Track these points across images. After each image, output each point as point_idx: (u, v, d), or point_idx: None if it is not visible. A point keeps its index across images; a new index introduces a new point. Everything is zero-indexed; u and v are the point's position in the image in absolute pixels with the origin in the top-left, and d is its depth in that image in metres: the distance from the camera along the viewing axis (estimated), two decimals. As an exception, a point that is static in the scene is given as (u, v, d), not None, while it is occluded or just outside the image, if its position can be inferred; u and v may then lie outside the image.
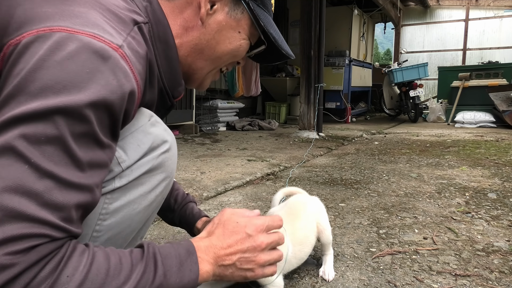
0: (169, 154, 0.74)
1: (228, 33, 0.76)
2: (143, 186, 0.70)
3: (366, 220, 1.75)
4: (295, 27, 7.45)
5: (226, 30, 0.76)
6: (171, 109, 0.81)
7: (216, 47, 0.77)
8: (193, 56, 0.77)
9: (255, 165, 2.95)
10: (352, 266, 1.29)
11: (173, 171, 0.77)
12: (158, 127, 0.72)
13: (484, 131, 5.56)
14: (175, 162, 0.78)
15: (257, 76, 6.54)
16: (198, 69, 0.79)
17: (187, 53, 0.76)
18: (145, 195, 0.71)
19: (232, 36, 0.77)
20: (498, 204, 1.98)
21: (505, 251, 1.40)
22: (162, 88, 0.74)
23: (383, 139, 4.77)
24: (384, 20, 10.14)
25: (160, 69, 0.71)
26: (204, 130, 5.33)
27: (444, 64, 9.58)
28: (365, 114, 8.83)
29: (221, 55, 0.78)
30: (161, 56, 0.71)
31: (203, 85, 0.85)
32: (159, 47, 0.70)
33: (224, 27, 0.75)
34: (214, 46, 0.76)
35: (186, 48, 0.75)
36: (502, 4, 9.31)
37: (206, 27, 0.74)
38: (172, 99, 0.78)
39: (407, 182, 2.47)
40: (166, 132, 0.74)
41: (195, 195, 2.08)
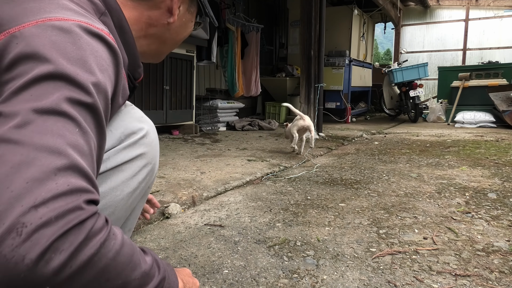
0: (147, 140, 0.76)
1: (187, 24, 0.88)
2: (123, 172, 0.74)
3: (366, 220, 1.75)
4: (295, 27, 7.45)
5: (186, 23, 0.87)
6: (133, 91, 0.84)
7: (177, 37, 0.88)
8: (156, 44, 0.85)
9: (255, 165, 2.95)
10: (352, 266, 1.29)
11: (154, 158, 0.80)
12: (133, 114, 0.76)
13: (484, 131, 5.56)
14: (155, 149, 0.80)
15: (257, 76, 6.54)
16: (164, 52, 0.91)
17: (150, 42, 0.83)
18: (127, 182, 0.75)
19: (189, 24, 0.89)
20: (498, 204, 1.98)
21: (505, 251, 1.40)
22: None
23: (383, 139, 4.77)
24: (384, 20, 10.13)
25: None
26: (204, 130, 5.33)
27: (444, 64, 9.57)
28: (365, 114, 8.82)
29: (179, 41, 0.91)
30: (118, 41, 0.73)
31: (162, 59, 0.96)
32: (117, 32, 0.73)
33: (184, 22, 0.86)
34: (175, 37, 0.87)
35: (149, 39, 0.82)
36: (502, 4, 9.31)
37: (170, 25, 0.82)
38: (134, 81, 0.81)
39: (407, 182, 2.46)
40: (142, 119, 0.78)
41: (195, 195, 2.08)
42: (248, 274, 1.25)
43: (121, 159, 0.73)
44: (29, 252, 0.40)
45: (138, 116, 0.77)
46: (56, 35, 0.54)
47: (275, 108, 7.01)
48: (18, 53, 0.52)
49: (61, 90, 0.51)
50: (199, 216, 1.83)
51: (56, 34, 0.54)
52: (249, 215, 1.84)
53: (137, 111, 0.78)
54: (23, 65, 0.51)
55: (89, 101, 0.53)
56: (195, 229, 1.65)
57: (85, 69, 0.54)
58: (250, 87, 6.45)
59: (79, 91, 0.52)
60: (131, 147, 0.74)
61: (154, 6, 0.78)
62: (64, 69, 0.52)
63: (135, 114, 0.76)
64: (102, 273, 0.47)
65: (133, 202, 0.79)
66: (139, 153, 0.75)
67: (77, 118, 0.51)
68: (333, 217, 1.80)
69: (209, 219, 1.78)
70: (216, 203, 2.03)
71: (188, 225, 1.71)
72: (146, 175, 0.78)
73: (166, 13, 0.80)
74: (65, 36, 0.55)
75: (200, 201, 2.06)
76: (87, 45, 0.56)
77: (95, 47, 0.57)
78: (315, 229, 1.64)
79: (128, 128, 0.74)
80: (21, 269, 0.40)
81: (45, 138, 0.47)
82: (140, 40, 0.80)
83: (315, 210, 1.90)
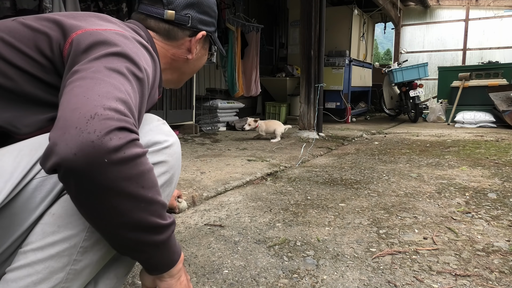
0: (170, 150, 0.83)
1: (202, 57, 1.09)
2: None
3: (366, 220, 1.75)
4: (295, 27, 7.44)
5: (202, 56, 1.09)
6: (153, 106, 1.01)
7: (195, 68, 1.10)
8: (178, 74, 1.08)
9: (255, 165, 2.95)
10: (352, 266, 1.29)
11: (174, 168, 0.85)
12: (162, 128, 0.85)
13: (484, 131, 5.56)
14: (177, 162, 0.86)
15: (257, 76, 6.54)
16: (183, 79, 1.12)
17: (173, 72, 1.06)
18: None
19: (204, 57, 1.10)
20: (498, 204, 1.98)
21: (505, 251, 1.40)
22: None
23: (383, 139, 4.77)
24: (384, 20, 10.13)
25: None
26: (204, 130, 5.33)
27: (444, 64, 9.57)
28: (365, 114, 8.82)
29: (197, 70, 1.13)
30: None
31: (182, 85, 1.17)
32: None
33: (200, 57, 1.08)
34: (193, 68, 1.09)
35: (172, 70, 1.05)
36: (502, 4, 9.31)
37: (189, 60, 1.04)
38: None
39: (407, 182, 2.46)
40: (170, 133, 0.88)
41: (195, 195, 2.08)
42: (248, 274, 1.25)
43: None
44: (98, 129, 0.57)
45: (166, 130, 0.85)
46: (118, 35, 0.75)
47: (275, 108, 7.00)
48: (94, 40, 0.71)
49: (124, 63, 0.69)
50: (199, 216, 1.83)
51: (119, 35, 0.75)
52: (249, 215, 1.84)
53: (166, 127, 0.86)
54: (98, 47, 0.70)
55: (140, 75, 0.72)
56: (195, 229, 1.65)
57: (139, 57, 0.73)
58: (250, 87, 6.44)
59: (135, 67, 0.71)
60: (154, 153, 0.79)
61: (177, 46, 1.01)
62: (127, 51, 0.71)
63: (164, 129, 0.85)
64: (140, 177, 0.61)
65: None
66: (160, 160, 0.80)
67: (132, 80, 0.68)
68: (333, 217, 1.80)
69: (209, 219, 1.78)
70: (216, 203, 2.03)
71: (188, 225, 1.71)
72: (164, 182, 0.81)
73: (186, 52, 1.02)
74: (125, 38, 0.76)
75: (200, 201, 2.06)
76: (138, 48, 0.77)
77: (143, 51, 0.78)
78: (315, 229, 1.64)
79: (154, 138, 0.80)
80: (92, 137, 0.56)
81: (111, 79, 0.64)
82: (165, 71, 1.03)
83: (315, 210, 1.90)
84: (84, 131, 0.56)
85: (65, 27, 0.75)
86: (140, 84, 0.71)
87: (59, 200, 0.70)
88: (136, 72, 0.71)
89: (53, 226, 0.68)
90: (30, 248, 0.67)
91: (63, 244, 0.68)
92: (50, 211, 0.69)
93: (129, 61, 0.70)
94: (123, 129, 0.59)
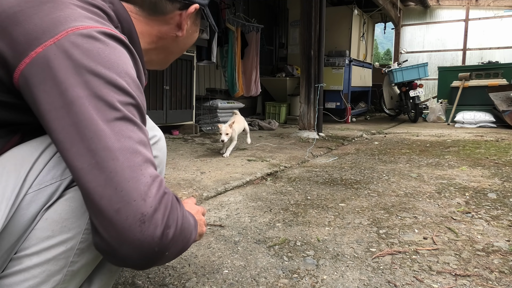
0: (158, 146, 0.83)
1: (193, 34, 0.95)
2: None
3: (366, 220, 1.75)
4: (295, 27, 7.44)
5: (192, 34, 0.94)
6: None
7: (183, 47, 0.96)
8: (165, 54, 0.94)
9: (255, 165, 2.95)
10: (352, 266, 1.29)
11: (162, 163, 0.86)
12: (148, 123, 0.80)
13: (484, 131, 5.56)
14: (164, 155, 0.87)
15: (257, 76, 6.54)
16: (170, 60, 0.99)
17: (159, 53, 0.91)
18: None
19: (194, 34, 0.96)
20: (498, 204, 1.98)
21: (505, 251, 1.40)
22: None
23: (383, 139, 4.77)
24: (384, 20, 10.13)
25: None
26: (204, 130, 5.33)
27: (444, 64, 9.57)
28: (365, 114, 8.82)
29: (186, 49, 0.99)
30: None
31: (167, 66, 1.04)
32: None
33: (190, 34, 0.93)
34: (182, 47, 0.95)
35: (158, 50, 0.90)
36: (502, 4, 9.31)
37: (178, 38, 0.90)
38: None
39: (407, 182, 2.46)
40: (155, 128, 0.86)
41: (195, 195, 2.08)
42: (248, 274, 1.25)
43: None
44: (154, 232, 0.57)
45: (151, 125, 0.83)
46: (87, 42, 0.61)
47: (275, 108, 7.00)
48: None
49: (115, 95, 0.61)
50: (199, 216, 1.83)
51: (87, 42, 0.61)
52: (249, 215, 1.84)
53: (150, 121, 0.83)
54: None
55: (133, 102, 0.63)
56: (195, 229, 1.65)
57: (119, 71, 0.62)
58: (250, 87, 6.44)
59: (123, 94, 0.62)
60: None
61: (165, 21, 0.86)
62: (105, 75, 0.61)
63: (149, 124, 0.81)
64: (183, 232, 0.64)
65: None
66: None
67: (133, 117, 0.62)
68: (333, 217, 1.80)
69: (209, 219, 1.78)
70: (216, 203, 2.03)
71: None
72: None
73: (175, 28, 0.88)
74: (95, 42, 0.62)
75: (200, 201, 2.06)
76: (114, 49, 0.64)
77: (119, 49, 0.65)
78: (315, 229, 1.64)
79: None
80: (154, 244, 0.57)
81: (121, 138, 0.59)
82: (150, 51, 0.89)
83: (315, 210, 1.90)
84: (142, 242, 0.57)
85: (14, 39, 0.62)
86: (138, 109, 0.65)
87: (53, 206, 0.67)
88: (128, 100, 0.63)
89: (48, 231, 0.66)
90: (25, 254, 0.66)
91: (60, 248, 0.67)
92: (44, 217, 0.66)
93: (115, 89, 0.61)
94: (170, 210, 0.61)
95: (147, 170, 0.60)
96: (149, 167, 0.60)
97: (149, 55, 0.90)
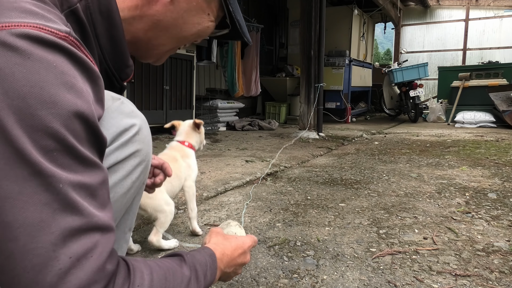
0: (140, 137, 0.70)
1: (198, 13, 0.71)
2: (116, 173, 0.69)
3: (366, 220, 1.75)
4: (295, 27, 7.44)
5: (196, 10, 0.70)
6: (121, 91, 0.74)
7: (183, 27, 0.71)
8: (156, 31, 0.70)
9: (255, 165, 2.94)
10: (352, 266, 1.29)
11: (148, 154, 0.74)
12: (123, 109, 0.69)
13: (484, 131, 5.56)
14: (149, 145, 0.75)
15: (257, 76, 6.54)
16: (160, 45, 0.73)
17: (148, 27, 0.69)
18: (120, 183, 0.70)
19: (201, 17, 0.72)
20: (498, 204, 1.98)
21: (505, 251, 1.40)
22: (108, 70, 0.68)
23: (383, 139, 4.77)
24: (384, 20, 10.14)
25: (103, 50, 0.65)
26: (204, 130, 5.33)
27: (444, 64, 9.57)
28: (365, 114, 8.82)
29: (188, 35, 0.73)
30: (103, 36, 0.63)
31: (160, 61, 0.79)
32: (101, 25, 0.63)
33: (194, 7, 0.70)
34: (181, 25, 0.71)
35: (147, 22, 0.68)
36: (502, 4, 9.31)
37: (174, 4, 0.67)
38: (120, 81, 0.72)
39: (407, 182, 2.46)
40: (133, 113, 0.70)
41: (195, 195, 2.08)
42: (248, 274, 1.25)
43: (113, 160, 0.68)
44: None
45: (128, 111, 0.69)
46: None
47: (275, 108, 7.01)
48: None
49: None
50: (199, 216, 1.83)
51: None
52: (249, 215, 1.84)
53: (126, 105, 0.69)
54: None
55: (60, 146, 0.44)
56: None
57: (41, 100, 0.43)
58: (250, 87, 6.45)
59: (43, 137, 0.42)
60: (124, 146, 0.68)
61: None
62: (16, 110, 0.41)
63: (125, 109, 0.68)
64: None
65: (127, 201, 0.76)
66: (132, 151, 0.69)
67: (54, 173, 0.43)
68: (333, 217, 1.80)
69: (209, 219, 1.78)
70: (216, 203, 2.03)
71: (188, 225, 1.71)
72: (140, 173, 0.73)
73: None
74: (9, 55, 0.42)
75: (200, 201, 2.06)
76: (38, 63, 0.43)
77: (48, 62, 0.44)
78: (315, 229, 1.64)
79: (119, 126, 0.67)
80: None
81: (30, 212, 0.42)
82: (134, 23, 0.67)
83: (315, 210, 1.90)
84: None
85: None
86: (69, 151, 0.45)
87: None
88: (53, 146, 0.43)
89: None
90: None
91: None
92: None
93: (36, 132, 0.42)
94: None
95: (68, 247, 0.42)
96: (74, 241, 0.43)
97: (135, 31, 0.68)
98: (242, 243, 0.80)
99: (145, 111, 4.30)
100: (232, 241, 0.79)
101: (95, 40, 0.63)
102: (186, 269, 0.60)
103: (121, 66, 0.69)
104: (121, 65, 0.69)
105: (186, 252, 0.64)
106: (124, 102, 0.69)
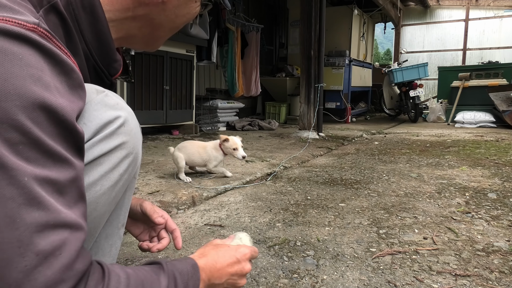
0: (126, 129, 0.69)
1: (187, 4, 0.74)
2: (102, 166, 0.68)
3: (366, 220, 1.75)
4: (295, 27, 7.45)
5: (186, 3, 0.74)
6: (112, 87, 0.75)
7: (176, 20, 0.75)
8: (150, 28, 0.74)
9: (255, 165, 2.94)
10: (352, 266, 1.29)
11: (135, 147, 0.73)
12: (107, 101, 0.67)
13: (484, 131, 5.56)
14: (136, 137, 0.73)
15: (257, 76, 6.54)
16: (159, 38, 0.78)
17: (141, 25, 0.72)
18: (107, 175, 0.69)
19: (191, 6, 0.75)
20: (498, 204, 1.98)
21: (505, 251, 1.40)
22: (96, 66, 0.69)
23: (383, 139, 4.77)
24: (384, 20, 10.14)
25: (89, 45, 0.65)
26: (204, 130, 5.33)
27: (444, 64, 9.58)
28: (365, 114, 8.82)
29: (179, 25, 0.77)
30: (88, 31, 0.64)
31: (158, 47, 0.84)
32: (85, 20, 0.63)
33: (184, 1, 0.73)
34: (174, 19, 0.74)
35: (140, 21, 0.71)
36: (502, 4, 9.31)
37: (166, 3, 0.70)
38: (110, 77, 0.73)
39: (407, 182, 2.46)
40: (118, 106, 0.69)
41: (195, 195, 2.08)
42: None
43: (98, 152, 0.66)
44: None
45: (112, 103, 0.67)
46: None
47: (275, 108, 7.01)
48: None
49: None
50: (199, 216, 1.83)
51: None
52: (249, 215, 1.84)
53: (111, 98, 0.68)
54: None
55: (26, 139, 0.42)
56: (195, 229, 1.65)
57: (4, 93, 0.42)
58: (250, 87, 6.45)
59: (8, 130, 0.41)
60: (109, 138, 0.66)
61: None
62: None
63: (109, 101, 0.67)
64: None
65: (117, 195, 0.74)
66: (117, 143, 0.68)
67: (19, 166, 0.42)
68: (333, 217, 1.80)
69: (209, 219, 1.78)
70: (216, 203, 2.03)
71: (188, 225, 1.71)
72: (128, 166, 0.72)
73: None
74: None
75: (200, 201, 2.06)
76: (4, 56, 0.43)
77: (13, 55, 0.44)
78: (315, 229, 1.64)
79: (103, 118, 0.65)
80: None
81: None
82: (127, 22, 0.69)
83: (315, 210, 1.90)
84: None
85: None
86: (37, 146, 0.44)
87: None
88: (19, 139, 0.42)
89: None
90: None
91: None
92: None
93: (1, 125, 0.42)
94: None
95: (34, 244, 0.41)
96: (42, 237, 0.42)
97: (128, 29, 0.70)
98: (235, 252, 0.77)
99: (145, 111, 4.30)
100: (222, 250, 0.76)
101: (80, 36, 0.63)
102: (164, 277, 0.58)
103: (108, 61, 0.70)
104: (109, 60, 0.70)
105: (166, 260, 0.63)
106: (109, 94, 0.68)
